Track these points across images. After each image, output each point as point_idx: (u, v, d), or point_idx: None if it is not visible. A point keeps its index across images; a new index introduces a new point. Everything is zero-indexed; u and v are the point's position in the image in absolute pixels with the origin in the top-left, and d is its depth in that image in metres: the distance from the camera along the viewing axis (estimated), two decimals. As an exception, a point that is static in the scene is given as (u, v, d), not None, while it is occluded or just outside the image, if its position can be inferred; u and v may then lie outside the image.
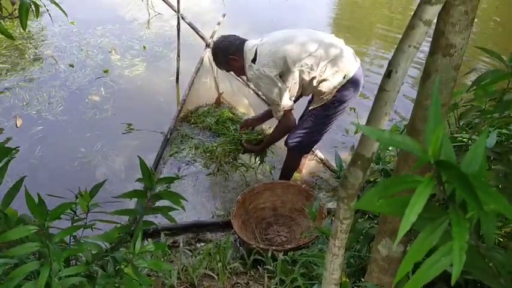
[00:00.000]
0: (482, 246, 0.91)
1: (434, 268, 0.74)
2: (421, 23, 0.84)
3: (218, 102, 4.08)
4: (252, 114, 4.00)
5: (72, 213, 1.60)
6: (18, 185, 1.49)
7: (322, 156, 3.48)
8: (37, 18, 2.39)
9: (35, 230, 1.32)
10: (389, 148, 2.07)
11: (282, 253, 2.24)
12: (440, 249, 0.73)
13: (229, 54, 2.77)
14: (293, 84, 2.69)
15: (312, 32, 2.80)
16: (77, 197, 1.60)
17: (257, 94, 4.03)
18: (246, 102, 4.02)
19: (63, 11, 2.30)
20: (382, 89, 0.91)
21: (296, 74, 2.65)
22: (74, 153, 3.42)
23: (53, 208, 1.40)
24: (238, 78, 3.97)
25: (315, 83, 2.68)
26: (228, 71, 3.02)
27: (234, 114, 3.99)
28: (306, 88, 2.77)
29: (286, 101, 2.70)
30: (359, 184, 1.00)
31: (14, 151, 1.43)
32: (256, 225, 2.82)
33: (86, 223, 1.57)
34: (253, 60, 2.68)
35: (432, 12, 0.84)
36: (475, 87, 1.21)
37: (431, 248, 0.76)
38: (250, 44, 2.75)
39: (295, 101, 2.86)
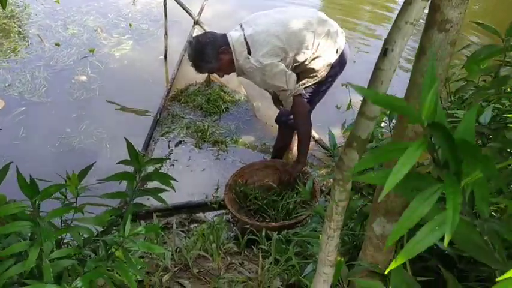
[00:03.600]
0: (477, 220, 0.89)
1: (426, 239, 0.72)
2: (419, -2, 0.81)
3: (208, 81, 4.03)
4: (242, 91, 3.96)
5: (63, 197, 1.58)
6: (4, 170, 1.46)
7: (315, 135, 3.45)
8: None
9: (24, 208, 1.29)
10: (382, 125, 2.05)
11: (276, 232, 2.24)
12: (434, 219, 0.72)
13: (219, 47, 2.52)
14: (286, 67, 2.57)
15: (297, 11, 2.74)
16: (66, 181, 1.58)
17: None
18: (235, 79, 3.96)
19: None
20: (377, 67, 0.88)
21: (291, 57, 2.55)
22: (59, 133, 3.36)
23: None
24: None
25: (307, 61, 2.62)
26: (212, 71, 2.72)
27: (224, 92, 3.95)
28: (296, 68, 2.65)
29: (293, 85, 2.54)
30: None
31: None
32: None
33: (76, 207, 1.54)
34: (248, 53, 2.51)
35: (430, -13, 0.80)
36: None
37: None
38: (235, 36, 2.55)
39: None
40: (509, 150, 1.15)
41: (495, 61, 1.33)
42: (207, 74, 3.97)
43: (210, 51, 2.52)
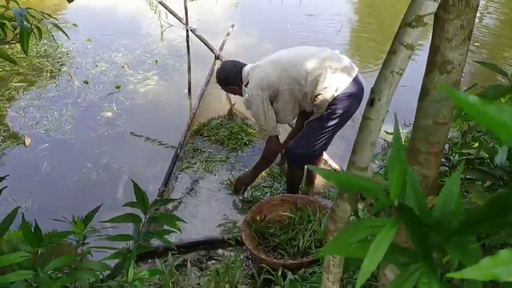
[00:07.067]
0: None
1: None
2: (403, 47, 0.78)
3: (231, 114, 4.06)
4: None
5: (76, 239, 1.59)
6: (12, 215, 1.48)
7: (336, 166, 3.38)
8: (40, 41, 2.40)
9: (27, 256, 1.30)
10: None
11: (291, 272, 2.17)
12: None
13: (228, 84, 2.93)
14: (285, 103, 2.73)
15: (302, 49, 2.84)
16: (75, 222, 1.59)
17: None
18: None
19: (66, 34, 2.32)
20: (365, 117, 0.85)
21: (286, 92, 2.69)
22: (79, 169, 3.43)
23: (51, 231, 1.40)
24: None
25: (309, 98, 2.69)
26: (234, 94, 3.14)
27: (247, 125, 3.96)
28: (302, 104, 2.78)
29: (272, 126, 2.78)
30: (348, 217, 0.93)
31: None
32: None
33: (82, 250, 1.55)
34: (247, 84, 2.78)
35: (414, 35, 0.77)
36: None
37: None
38: (247, 69, 2.84)
39: (306, 116, 2.90)
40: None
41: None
42: (229, 107, 4.02)
43: (223, 85, 3.01)
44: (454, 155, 1.83)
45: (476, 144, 1.65)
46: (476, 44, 5.36)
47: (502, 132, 0.41)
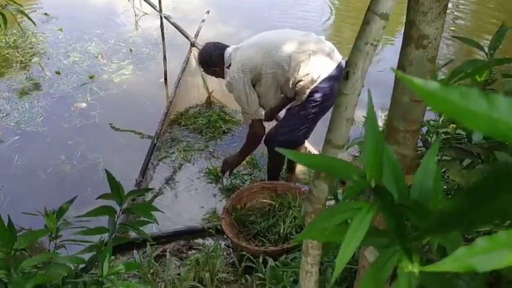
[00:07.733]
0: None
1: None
2: (377, 17, 0.74)
3: (209, 102, 4.00)
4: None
5: (49, 232, 1.53)
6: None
7: (316, 152, 3.37)
8: (5, 29, 2.29)
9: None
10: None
11: (272, 259, 2.15)
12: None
13: (211, 66, 2.87)
14: (267, 86, 2.67)
15: (286, 32, 2.79)
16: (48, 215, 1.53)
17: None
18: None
19: (33, 22, 2.23)
20: (340, 92, 0.81)
21: (269, 76, 2.62)
22: (53, 161, 3.33)
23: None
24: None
25: (290, 84, 2.64)
26: (216, 77, 3.08)
27: (225, 113, 3.91)
28: (285, 89, 2.73)
29: (254, 109, 2.72)
30: (325, 198, 0.90)
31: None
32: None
33: (56, 244, 1.50)
34: (229, 66, 2.72)
35: (388, 5, 0.74)
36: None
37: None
38: (230, 50, 2.78)
39: (287, 103, 2.90)
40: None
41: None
42: (207, 96, 3.96)
43: (205, 68, 3.00)
44: (431, 135, 1.83)
45: (453, 125, 1.65)
46: (452, 28, 5.39)
47: (470, 121, 0.35)
